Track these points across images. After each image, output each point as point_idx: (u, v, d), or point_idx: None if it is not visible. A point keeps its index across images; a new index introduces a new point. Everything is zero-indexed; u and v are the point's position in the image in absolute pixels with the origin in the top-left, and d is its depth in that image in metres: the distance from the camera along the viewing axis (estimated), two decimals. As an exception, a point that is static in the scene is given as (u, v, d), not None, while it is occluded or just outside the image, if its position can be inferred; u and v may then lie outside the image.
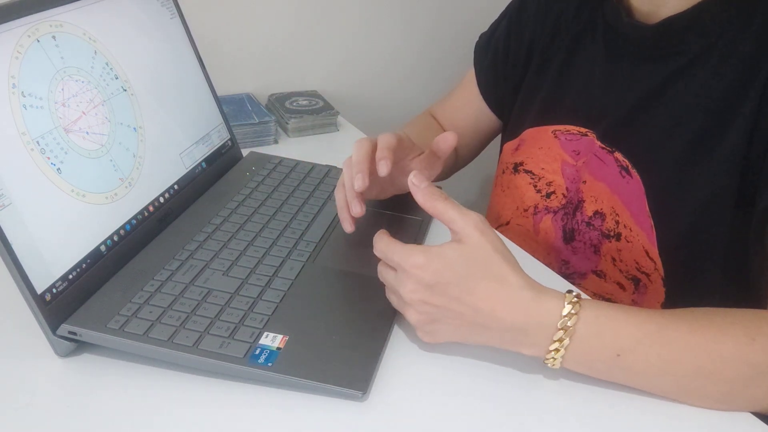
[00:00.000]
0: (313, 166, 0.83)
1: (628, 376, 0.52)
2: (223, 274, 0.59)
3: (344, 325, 0.56)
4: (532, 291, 0.50)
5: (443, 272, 0.50)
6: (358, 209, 0.62)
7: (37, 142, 0.53)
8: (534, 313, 0.50)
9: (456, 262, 0.50)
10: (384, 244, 0.54)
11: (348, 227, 0.64)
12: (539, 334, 0.50)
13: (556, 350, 0.50)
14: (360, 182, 0.60)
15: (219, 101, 0.80)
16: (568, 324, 0.49)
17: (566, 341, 0.50)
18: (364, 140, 0.64)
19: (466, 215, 0.52)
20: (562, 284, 0.67)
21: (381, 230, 0.56)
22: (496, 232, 0.53)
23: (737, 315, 0.52)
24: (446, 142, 0.69)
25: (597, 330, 0.50)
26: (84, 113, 0.59)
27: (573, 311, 0.49)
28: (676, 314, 0.52)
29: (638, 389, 0.52)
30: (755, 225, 0.62)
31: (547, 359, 0.51)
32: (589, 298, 0.52)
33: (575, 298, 0.50)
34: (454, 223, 0.52)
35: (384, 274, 0.56)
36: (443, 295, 0.51)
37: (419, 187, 0.54)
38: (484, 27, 0.93)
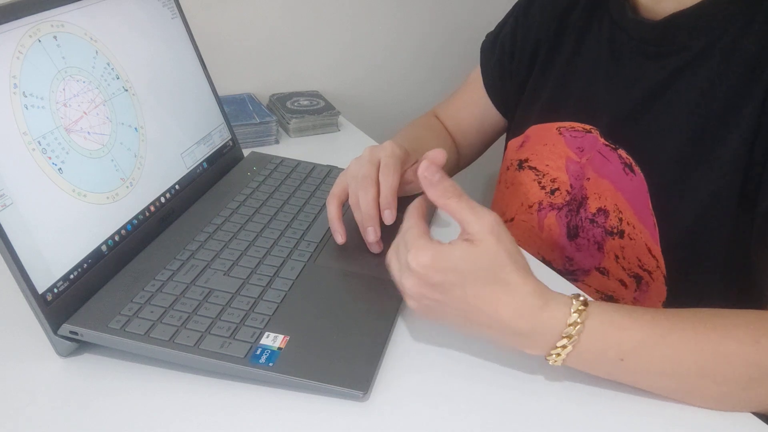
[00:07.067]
0: (315, 166, 0.82)
1: (631, 377, 0.52)
2: (224, 274, 0.59)
3: (345, 325, 0.56)
4: (540, 299, 0.50)
5: (448, 274, 0.49)
6: (372, 238, 0.64)
7: (39, 142, 0.53)
8: (538, 320, 0.49)
9: (464, 265, 0.49)
10: (409, 222, 0.53)
11: (339, 239, 0.65)
12: (542, 340, 0.50)
13: (558, 354, 0.50)
14: (372, 236, 0.63)
15: (220, 101, 0.80)
16: (572, 333, 0.49)
17: (569, 348, 0.50)
18: (368, 182, 0.62)
19: (482, 217, 0.49)
20: (564, 284, 0.67)
21: (416, 205, 0.55)
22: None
23: (741, 316, 0.52)
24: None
25: (601, 337, 0.50)
26: (85, 113, 0.59)
27: (579, 320, 0.49)
28: (680, 316, 0.52)
29: (639, 388, 0.52)
30: (757, 226, 0.61)
31: (548, 358, 0.51)
32: (595, 301, 0.51)
33: (582, 306, 0.50)
34: (469, 225, 0.50)
35: (392, 254, 0.54)
36: (445, 293, 0.50)
37: (431, 182, 0.52)
38: (487, 25, 0.92)
